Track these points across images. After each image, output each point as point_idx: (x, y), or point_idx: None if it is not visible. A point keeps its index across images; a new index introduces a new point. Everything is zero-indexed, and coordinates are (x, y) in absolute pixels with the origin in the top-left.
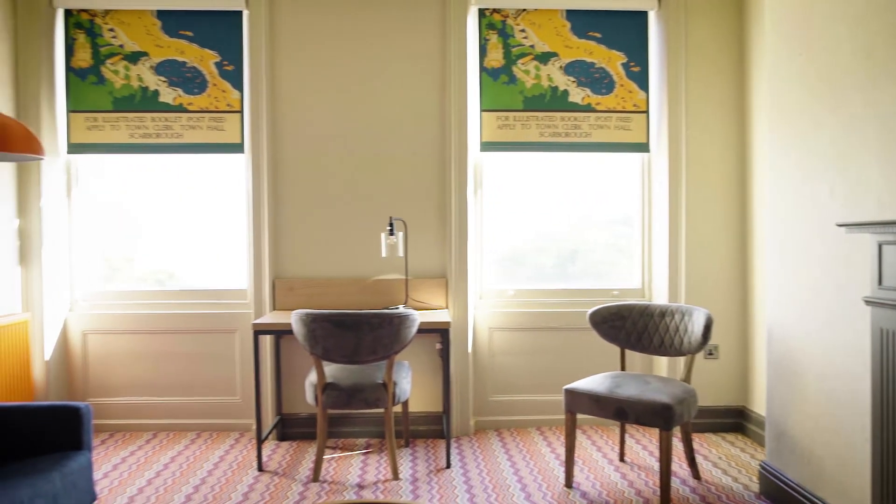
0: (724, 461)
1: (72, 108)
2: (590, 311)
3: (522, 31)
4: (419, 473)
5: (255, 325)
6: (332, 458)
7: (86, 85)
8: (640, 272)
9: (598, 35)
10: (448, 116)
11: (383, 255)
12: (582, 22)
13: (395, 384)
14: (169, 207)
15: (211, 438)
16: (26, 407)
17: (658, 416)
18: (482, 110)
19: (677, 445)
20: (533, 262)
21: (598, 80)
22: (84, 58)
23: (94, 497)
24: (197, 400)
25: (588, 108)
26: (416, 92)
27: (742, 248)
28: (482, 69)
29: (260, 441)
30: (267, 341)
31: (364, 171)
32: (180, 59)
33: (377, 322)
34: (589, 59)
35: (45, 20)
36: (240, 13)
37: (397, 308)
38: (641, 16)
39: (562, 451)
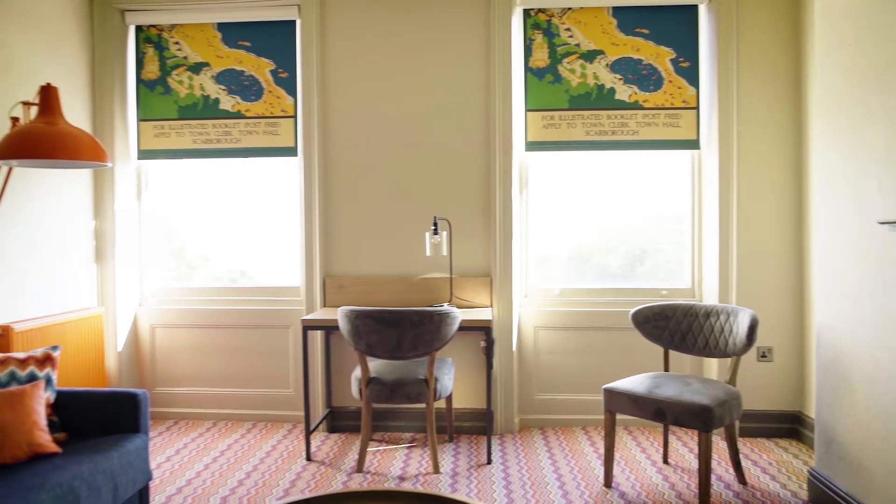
0: (775, 467)
1: (141, 118)
2: (632, 310)
3: (568, 29)
4: (460, 468)
5: (303, 320)
6: (378, 450)
7: (154, 95)
8: (689, 272)
9: (646, 31)
10: (493, 117)
11: (427, 254)
12: (629, 18)
13: (436, 380)
14: (229, 209)
15: (266, 428)
16: (92, 392)
17: (697, 417)
18: (527, 110)
19: (723, 448)
20: (579, 262)
21: (645, 77)
22: (153, 70)
23: (148, 476)
24: (253, 392)
25: (635, 106)
26: (460, 93)
27: (797, 248)
28: (527, 69)
29: (308, 432)
30: (317, 337)
31: (410, 172)
32: (239, 68)
33: (418, 319)
34: (636, 56)
35: (119, 37)
36: (293, 22)
37: (441, 306)
38: (691, 10)
39: (604, 451)
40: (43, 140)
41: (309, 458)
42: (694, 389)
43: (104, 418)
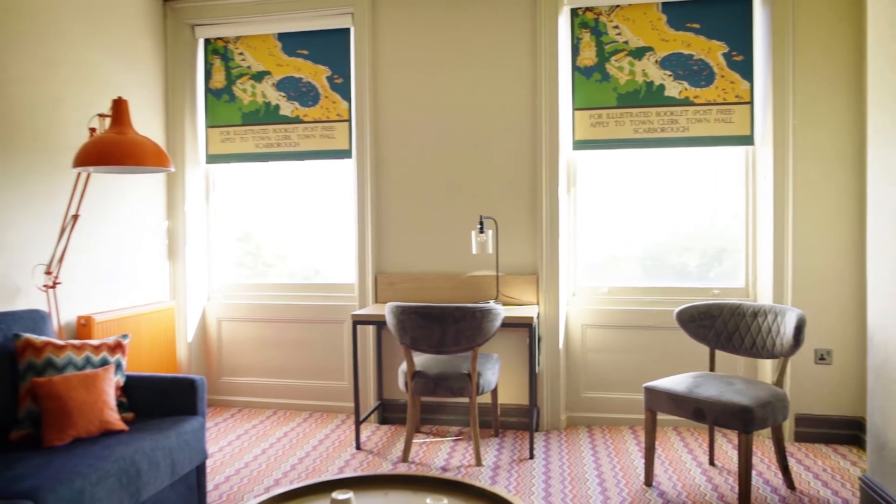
0: (828, 473)
1: (209, 124)
2: (677, 309)
3: (616, 27)
4: (502, 462)
5: (353, 315)
6: (424, 442)
7: (220, 103)
8: (743, 271)
9: (697, 26)
10: (539, 116)
11: (473, 252)
12: (679, 14)
13: (479, 375)
14: (290, 210)
15: (321, 418)
16: (156, 377)
17: (736, 417)
18: (575, 109)
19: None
20: (628, 260)
21: (696, 73)
22: (219, 79)
23: (204, 455)
24: (310, 383)
25: (686, 102)
26: (507, 94)
27: (857, 246)
28: (574, 68)
29: (358, 422)
30: (369, 332)
31: (458, 172)
32: (297, 75)
33: (460, 315)
34: (687, 52)
35: (189, 50)
36: (348, 30)
37: (487, 303)
38: (744, 2)
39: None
40: (113, 148)
41: (358, 447)
42: (736, 389)
43: (167, 401)
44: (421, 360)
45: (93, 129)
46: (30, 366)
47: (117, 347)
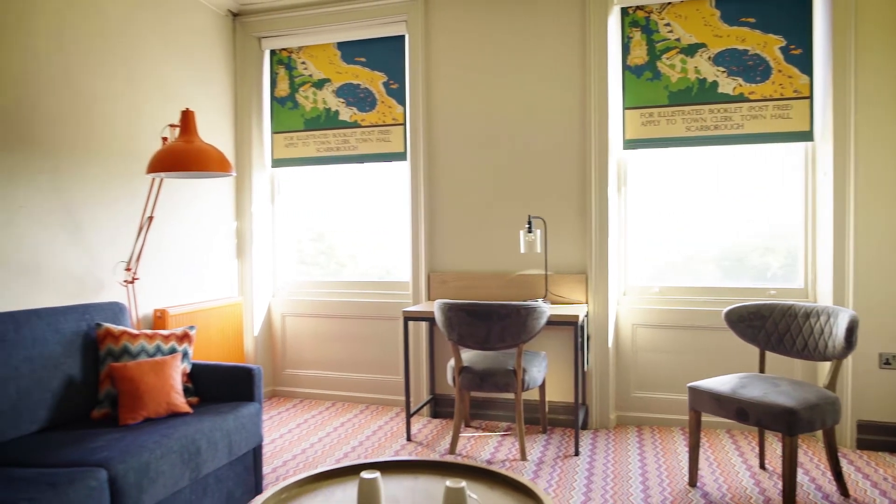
0: (889, 482)
1: (274, 130)
2: (726, 309)
3: (667, 24)
4: (547, 458)
5: (404, 312)
6: (473, 436)
7: (284, 110)
8: (802, 272)
9: (752, 20)
10: (588, 117)
11: (521, 251)
12: (733, 8)
13: (524, 371)
14: (352, 210)
15: (376, 410)
16: (218, 365)
17: (779, 419)
18: (625, 108)
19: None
20: (682, 259)
21: (751, 68)
22: (283, 88)
23: (259, 439)
24: (368, 377)
25: (740, 98)
26: (556, 95)
27: None
28: (625, 67)
29: (409, 415)
30: (422, 328)
31: (508, 173)
32: (355, 81)
33: (505, 312)
34: (741, 47)
35: (256, 61)
36: (402, 37)
37: (535, 301)
38: None
39: (700, 452)
40: (180, 156)
41: (409, 439)
42: (781, 391)
43: (227, 388)
44: (468, 355)
45: (164, 139)
46: (109, 352)
47: (184, 337)
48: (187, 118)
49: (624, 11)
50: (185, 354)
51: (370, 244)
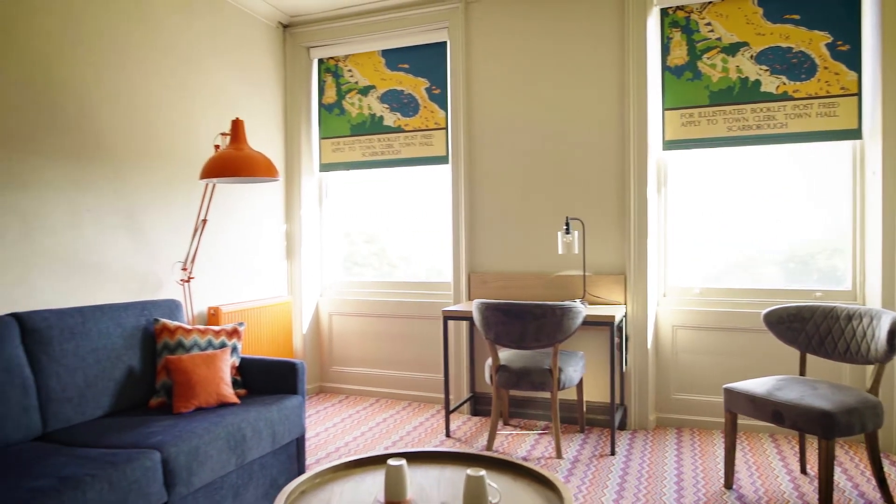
0: None
1: (322, 136)
2: (765, 310)
3: (708, 24)
4: (582, 456)
5: (444, 311)
6: (511, 433)
7: (332, 116)
8: (850, 273)
9: (797, 17)
10: (627, 118)
11: (559, 252)
12: (776, 6)
13: (560, 370)
14: (400, 211)
15: (418, 407)
16: (265, 360)
17: (816, 423)
18: (665, 109)
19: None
20: (723, 261)
21: (795, 66)
22: (331, 95)
23: (302, 430)
24: (411, 375)
25: (784, 97)
26: (595, 97)
27: None
28: (664, 68)
29: (448, 412)
30: (463, 328)
31: (547, 174)
32: (399, 87)
33: (540, 312)
34: (785, 45)
35: (305, 69)
36: (444, 43)
37: (574, 301)
38: None
39: (740, 455)
40: (230, 162)
41: (448, 435)
42: (819, 394)
43: (273, 381)
44: (506, 354)
45: (217, 146)
46: (165, 345)
47: (234, 333)
48: (237, 127)
49: (664, 12)
50: (234, 349)
51: (414, 246)
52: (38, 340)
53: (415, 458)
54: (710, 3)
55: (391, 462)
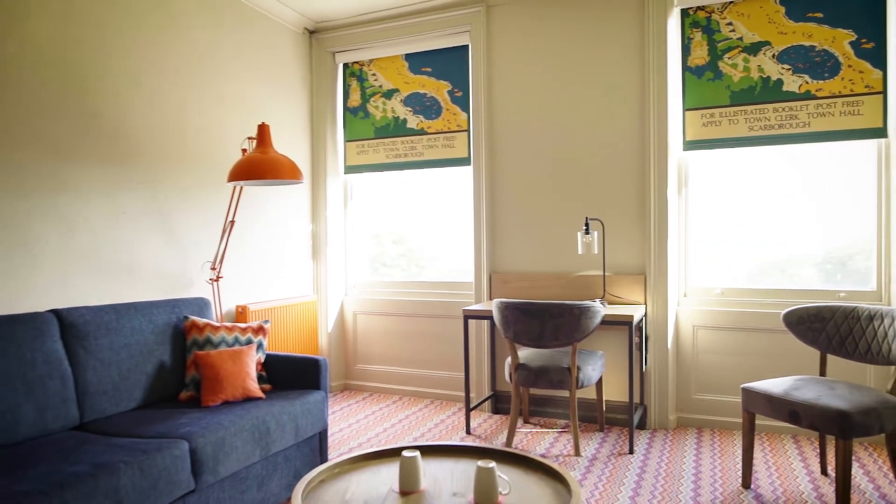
0: None
1: (347, 139)
2: (784, 310)
3: (729, 24)
4: (601, 455)
5: (464, 310)
6: (531, 431)
7: (356, 120)
8: (874, 274)
9: (820, 15)
10: (647, 119)
11: (579, 252)
12: (799, 4)
13: (578, 369)
14: (418, 213)
15: (441, 405)
16: (289, 356)
17: (832, 422)
18: (685, 109)
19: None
20: (745, 261)
21: (818, 65)
22: (355, 98)
23: (324, 424)
24: (433, 373)
25: (806, 96)
26: (615, 98)
27: None
28: (685, 68)
29: (468, 409)
30: (484, 327)
31: (567, 175)
32: (422, 90)
33: (558, 311)
34: (808, 43)
35: (330, 74)
36: (466, 47)
37: (593, 301)
38: None
39: (760, 455)
40: (255, 165)
41: (468, 432)
42: (837, 394)
43: (297, 377)
44: (525, 353)
45: (244, 150)
46: (194, 341)
47: (259, 330)
48: (263, 131)
49: (684, 13)
50: (259, 346)
51: (437, 246)
52: (75, 335)
53: (430, 451)
54: (731, 2)
55: (405, 454)
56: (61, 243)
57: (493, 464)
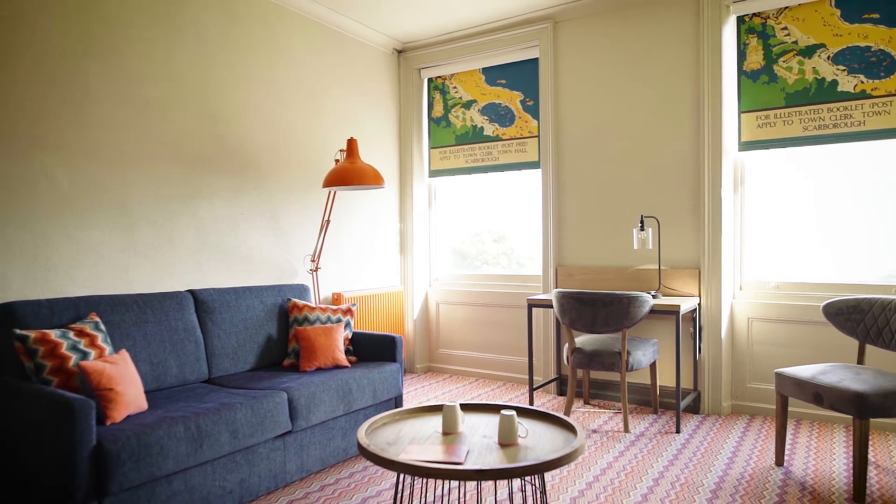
0: None
1: (431, 146)
2: (824, 302)
3: (784, 28)
4: (649, 433)
5: (528, 300)
6: (589, 411)
7: (439, 128)
8: None
9: (876, 16)
10: (702, 121)
11: (634, 247)
12: (854, 6)
13: (628, 353)
14: (497, 213)
15: (511, 386)
16: (371, 334)
17: (850, 403)
18: (741, 112)
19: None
20: (804, 256)
21: (874, 65)
22: (438, 110)
23: (398, 391)
24: (505, 358)
25: (861, 96)
26: (672, 103)
27: None
28: (741, 73)
29: (531, 389)
30: (550, 315)
31: (626, 176)
32: (497, 101)
33: (608, 300)
34: (863, 44)
35: (416, 87)
36: (536, 60)
37: (649, 293)
38: None
39: (804, 439)
40: (344, 174)
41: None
42: (860, 379)
43: (378, 351)
44: (582, 339)
45: (336, 160)
46: (295, 319)
47: (347, 311)
48: (351, 145)
49: (740, 20)
50: (347, 324)
51: (511, 242)
52: (205, 310)
53: (471, 408)
54: (786, 8)
55: (447, 404)
56: (195, 239)
57: (513, 413)
